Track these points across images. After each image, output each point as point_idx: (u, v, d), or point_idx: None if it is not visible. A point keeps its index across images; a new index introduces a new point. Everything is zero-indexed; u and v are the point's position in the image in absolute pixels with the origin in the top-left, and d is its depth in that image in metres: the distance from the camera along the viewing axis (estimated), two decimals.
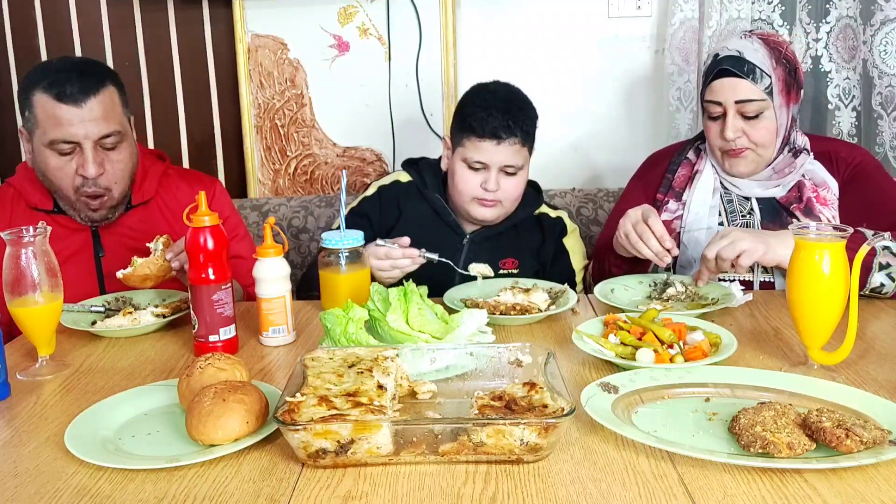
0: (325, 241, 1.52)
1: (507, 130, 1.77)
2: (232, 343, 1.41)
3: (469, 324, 1.32)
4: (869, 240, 1.24)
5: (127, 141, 1.72)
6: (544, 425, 0.95)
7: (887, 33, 2.14)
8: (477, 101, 1.83)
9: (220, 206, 1.89)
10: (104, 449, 1.03)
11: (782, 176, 1.78)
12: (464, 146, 1.82)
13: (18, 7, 2.57)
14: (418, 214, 1.92)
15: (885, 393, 1.13)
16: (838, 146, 1.82)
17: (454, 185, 1.86)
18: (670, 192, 1.88)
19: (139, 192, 1.83)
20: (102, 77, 1.68)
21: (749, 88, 1.68)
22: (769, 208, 1.79)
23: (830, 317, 1.21)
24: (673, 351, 1.25)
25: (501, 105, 1.80)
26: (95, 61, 1.77)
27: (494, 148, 1.78)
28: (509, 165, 1.81)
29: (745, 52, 1.69)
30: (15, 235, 1.31)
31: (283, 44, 2.52)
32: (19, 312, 1.32)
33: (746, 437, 0.96)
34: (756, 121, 1.71)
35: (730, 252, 1.50)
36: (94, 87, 1.64)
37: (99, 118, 1.64)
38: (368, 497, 0.92)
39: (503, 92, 1.86)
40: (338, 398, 1.02)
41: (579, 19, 2.47)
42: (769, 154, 1.75)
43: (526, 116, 1.83)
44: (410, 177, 1.97)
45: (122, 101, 1.72)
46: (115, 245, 1.79)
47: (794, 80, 1.72)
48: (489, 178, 1.80)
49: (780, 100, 1.71)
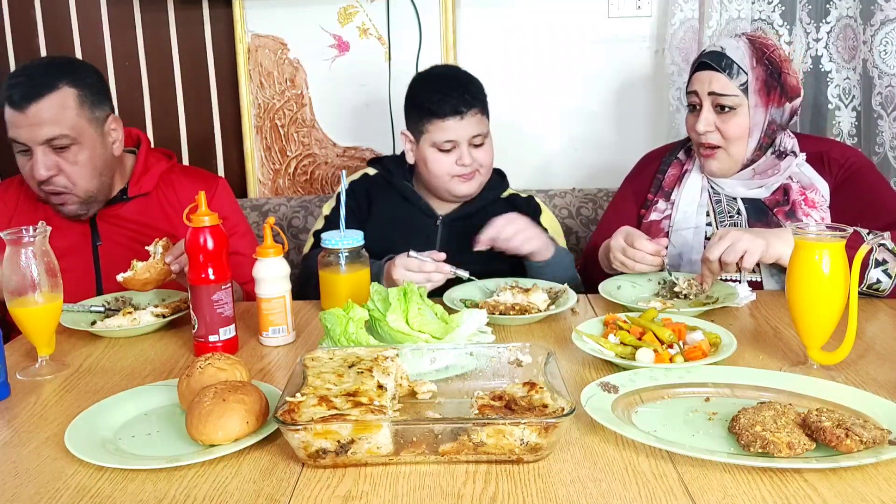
0: (325, 241, 1.52)
1: (465, 104, 1.84)
2: (232, 343, 1.41)
3: (469, 324, 1.32)
4: (867, 240, 1.24)
5: (84, 142, 1.72)
6: (544, 425, 0.95)
7: (887, 33, 2.13)
8: (427, 87, 1.90)
9: (221, 203, 1.92)
10: (104, 449, 1.03)
11: (765, 177, 1.79)
12: (428, 132, 1.86)
13: (18, 7, 2.57)
14: (389, 202, 1.97)
15: (885, 392, 1.13)
16: (832, 147, 1.82)
17: (429, 172, 1.90)
18: (660, 192, 1.90)
19: (136, 185, 1.87)
20: (54, 80, 1.68)
21: (724, 82, 1.71)
22: (755, 208, 1.80)
23: (830, 317, 1.21)
24: (673, 351, 1.25)
25: (452, 83, 1.88)
26: (56, 63, 1.76)
27: (458, 124, 1.84)
28: (476, 136, 1.86)
29: (727, 48, 1.73)
30: (15, 235, 1.32)
31: (283, 44, 2.52)
32: (19, 312, 1.32)
33: (746, 436, 0.96)
34: (728, 115, 1.73)
35: (732, 255, 1.50)
36: (40, 92, 1.66)
37: (44, 122, 1.66)
38: (368, 497, 0.92)
39: (448, 71, 1.98)
40: (338, 398, 1.02)
41: (579, 19, 2.47)
42: (740, 153, 1.76)
43: (477, 87, 1.90)
44: (377, 170, 2.03)
45: (80, 102, 1.71)
46: (112, 234, 1.84)
47: (776, 83, 1.72)
48: (462, 154, 1.86)
49: (755, 99, 1.72)
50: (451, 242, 1.88)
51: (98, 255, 1.84)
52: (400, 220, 1.94)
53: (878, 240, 1.36)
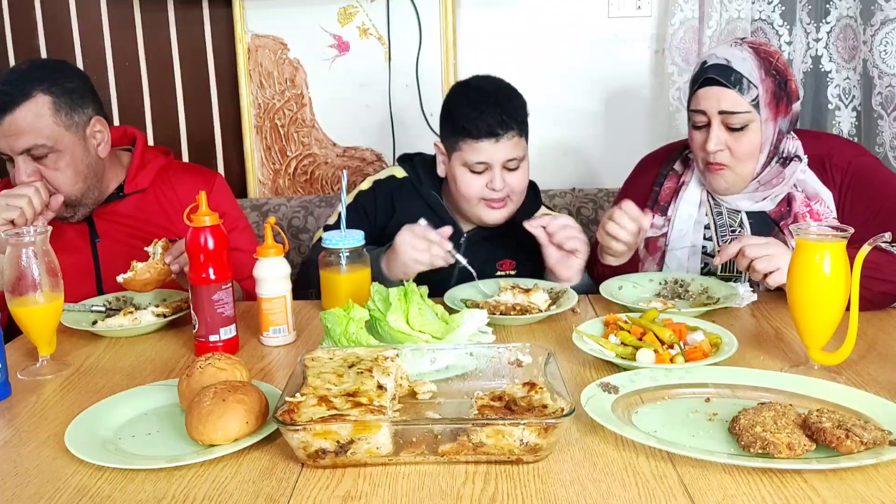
0: (325, 241, 1.52)
1: (502, 126, 1.71)
2: (232, 343, 1.41)
3: (469, 324, 1.32)
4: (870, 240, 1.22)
5: (62, 149, 1.71)
6: (544, 425, 0.95)
7: (887, 33, 2.14)
8: (464, 100, 1.76)
9: (220, 199, 1.90)
10: (104, 449, 1.03)
11: (770, 187, 1.71)
12: (461, 150, 1.75)
13: (18, 7, 2.57)
14: (414, 211, 1.84)
15: (886, 393, 1.13)
16: (832, 148, 1.73)
17: (458, 191, 1.80)
18: (656, 206, 1.82)
19: (132, 182, 1.87)
20: (29, 88, 1.67)
21: (735, 99, 1.61)
22: (760, 222, 1.73)
23: (831, 317, 1.21)
24: (673, 351, 1.25)
25: (490, 100, 1.74)
26: (34, 68, 1.75)
27: (493, 146, 1.72)
28: (511, 160, 1.75)
29: (733, 61, 1.62)
30: (15, 235, 1.32)
31: (283, 44, 2.52)
32: (19, 312, 1.32)
33: (746, 437, 0.96)
34: (740, 133, 1.63)
35: (766, 264, 1.45)
36: (14, 101, 1.65)
37: (18, 133, 1.66)
38: (368, 497, 0.92)
39: (488, 86, 1.80)
40: (338, 398, 1.02)
41: (579, 19, 2.47)
42: (748, 170, 1.68)
43: (517, 106, 1.77)
44: (406, 173, 1.93)
45: (58, 108, 1.70)
46: (110, 231, 1.85)
47: (783, 92, 1.64)
48: (494, 178, 1.74)
49: (766, 113, 1.63)
50: (474, 261, 1.73)
51: (97, 253, 1.85)
52: None
53: (878, 240, 1.34)
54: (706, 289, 1.63)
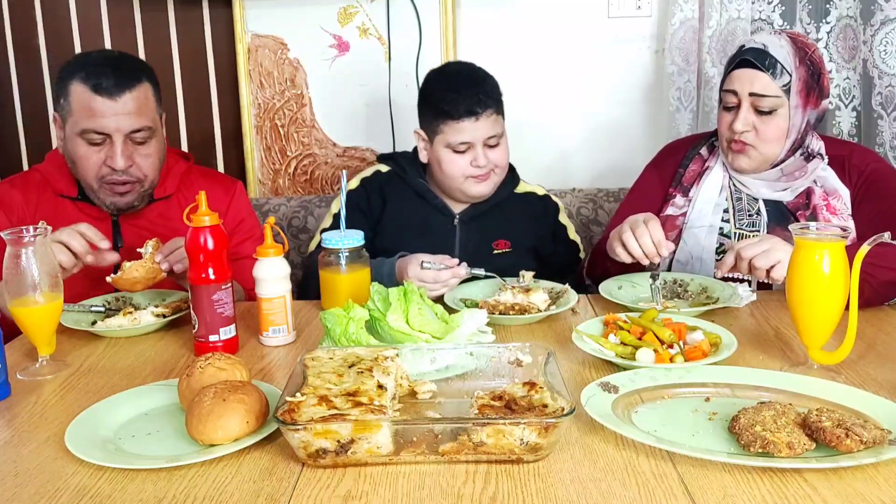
0: (325, 241, 1.52)
1: (481, 104, 1.81)
2: (232, 343, 1.41)
3: (469, 324, 1.32)
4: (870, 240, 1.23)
5: (157, 136, 1.76)
6: (544, 425, 0.95)
7: (887, 33, 2.14)
8: (442, 85, 1.87)
9: (240, 207, 1.93)
10: (104, 449, 1.03)
11: (792, 179, 1.75)
12: (442, 132, 1.84)
13: (18, 7, 2.57)
14: (404, 201, 1.94)
15: (885, 392, 1.13)
16: (853, 151, 1.77)
17: (443, 172, 1.87)
18: (679, 187, 1.86)
19: (161, 187, 1.86)
20: (138, 73, 1.73)
21: (766, 82, 1.66)
22: (776, 211, 1.76)
23: (830, 317, 1.21)
24: (673, 351, 1.25)
25: (467, 82, 1.84)
26: (133, 57, 1.83)
27: (474, 125, 1.81)
28: (491, 136, 1.84)
29: (769, 46, 1.67)
30: (15, 235, 1.31)
31: (283, 44, 2.52)
32: (19, 312, 1.32)
33: (746, 436, 0.96)
34: (769, 117, 1.68)
35: (765, 260, 1.45)
36: (130, 83, 1.69)
37: (131, 113, 1.69)
38: (368, 497, 0.92)
39: (463, 69, 1.92)
40: (338, 398, 1.02)
41: (579, 19, 2.47)
42: (773, 153, 1.72)
43: (492, 85, 1.87)
44: (389, 167, 1.99)
45: (156, 97, 1.77)
46: (133, 236, 1.82)
47: (815, 84, 1.69)
48: (477, 156, 1.83)
49: (797, 100, 1.68)
50: (469, 242, 1.85)
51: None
52: (416, 219, 1.92)
53: (878, 240, 1.34)
54: (705, 289, 1.63)
